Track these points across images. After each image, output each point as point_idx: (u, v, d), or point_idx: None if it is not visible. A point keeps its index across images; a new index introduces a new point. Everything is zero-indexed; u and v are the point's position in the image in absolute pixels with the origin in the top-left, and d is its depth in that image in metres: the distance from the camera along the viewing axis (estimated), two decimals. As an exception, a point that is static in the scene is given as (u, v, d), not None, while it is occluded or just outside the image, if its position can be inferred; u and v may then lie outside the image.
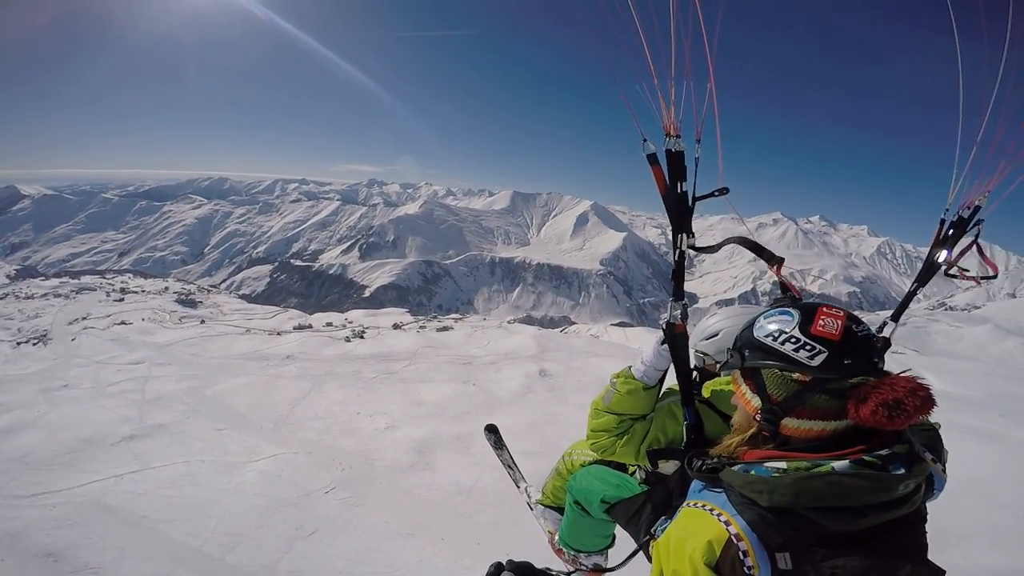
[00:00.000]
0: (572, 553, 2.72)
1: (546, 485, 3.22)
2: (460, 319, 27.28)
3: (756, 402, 1.31)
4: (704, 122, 1.75)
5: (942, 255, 2.03)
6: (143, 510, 5.45)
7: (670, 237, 1.94)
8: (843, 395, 1.18)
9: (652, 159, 1.83)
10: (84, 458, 6.89)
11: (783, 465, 1.15)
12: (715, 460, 1.35)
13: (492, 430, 4.01)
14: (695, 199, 1.83)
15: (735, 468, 1.24)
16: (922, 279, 2.13)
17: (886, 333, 2.11)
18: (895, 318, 2.15)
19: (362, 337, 17.44)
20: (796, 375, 1.23)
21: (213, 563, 4.69)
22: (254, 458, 6.77)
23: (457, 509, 5.35)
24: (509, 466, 3.88)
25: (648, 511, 2.05)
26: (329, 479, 6.04)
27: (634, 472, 2.39)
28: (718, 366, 2.43)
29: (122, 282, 37.19)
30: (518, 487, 3.71)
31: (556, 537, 2.83)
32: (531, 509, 3.39)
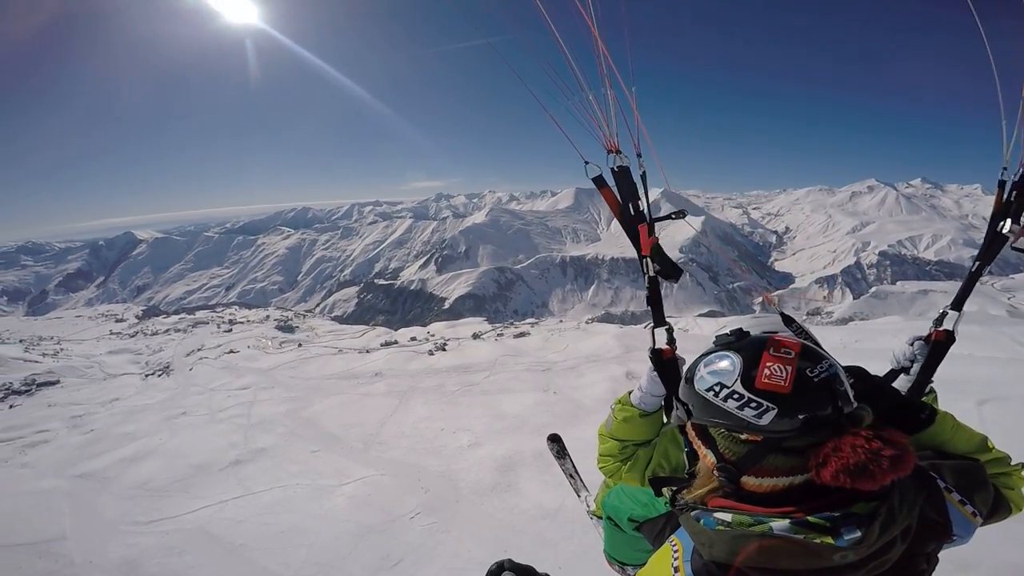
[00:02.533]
0: (619, 565, 2.71)
1: (598, 496, 3.17)
2: (536, 323, 27.04)
3: (712, 458, 1.21)
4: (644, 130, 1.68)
5: (1006, 226, 1.68)
6: (242, 538, 5.65)
7: (752, 216, 1.63)
8: (802, 452, 1.08)
9: (599, 181, 1.72)
10: (196, 484, 7.38)
11: (728, 518, 1.08)
12: (684, 502, 1.28)
13: (555, 439, 4.11)
14: (652, 220, 1.72)
15: (692, 514, 1.17)
16: (985, 256, 1.79)
17: (947, 326, 1.77)
18: (956, 306, 1.81)
19: (444, 349, 17.75)
20: (744, 436, 1.12)
21: (302, 595, 4.72)
22: (344, 481, 6.87)
23: (542, 535, 4.99)
24: (571, 475, 3.93)
25: (667, 533, 2.00)
26: (415, 503, 5.95)
27: None
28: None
29: (230, 314, 41.07)
30: (579, 496, 3.76)
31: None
32: (591, 519, 3.38)
